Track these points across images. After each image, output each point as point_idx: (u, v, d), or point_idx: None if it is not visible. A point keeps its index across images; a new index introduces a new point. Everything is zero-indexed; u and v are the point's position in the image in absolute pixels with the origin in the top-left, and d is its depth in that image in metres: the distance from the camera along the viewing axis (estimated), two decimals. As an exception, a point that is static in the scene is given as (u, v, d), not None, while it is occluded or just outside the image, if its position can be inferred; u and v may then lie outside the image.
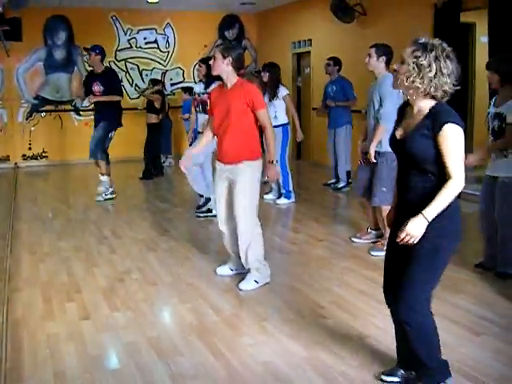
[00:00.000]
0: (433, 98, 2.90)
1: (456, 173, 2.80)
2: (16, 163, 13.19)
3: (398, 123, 3.12)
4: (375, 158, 5.85)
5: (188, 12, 13.86)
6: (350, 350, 3.86)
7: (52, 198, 9.46)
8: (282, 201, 8.57)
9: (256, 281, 5.09)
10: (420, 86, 2.86)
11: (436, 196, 2.82)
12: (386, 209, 5.92)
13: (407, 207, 3.01)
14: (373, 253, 5.98)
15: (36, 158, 13.44)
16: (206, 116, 6.59)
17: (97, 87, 8.71)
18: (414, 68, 2.86)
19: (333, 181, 9.81)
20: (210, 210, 7.58)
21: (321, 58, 11.68)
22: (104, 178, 9.07)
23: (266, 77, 8.37)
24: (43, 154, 13.49)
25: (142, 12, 13.57)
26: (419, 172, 2.93)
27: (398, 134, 3.05)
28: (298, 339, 4.04)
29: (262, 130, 5.02)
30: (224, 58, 4.88)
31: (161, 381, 3.52)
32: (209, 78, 7.16)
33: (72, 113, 13.66)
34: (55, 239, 6.78)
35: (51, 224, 7.68)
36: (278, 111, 8.36)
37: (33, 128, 13.34)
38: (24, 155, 13.34)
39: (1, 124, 13.05)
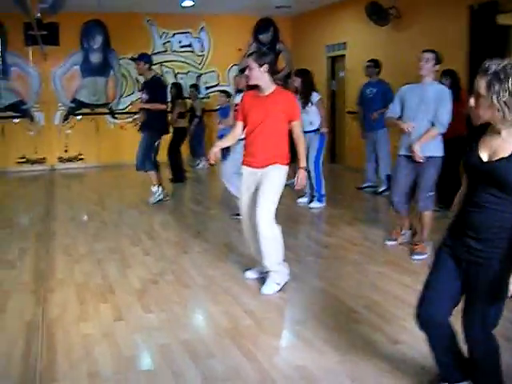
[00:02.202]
0: None
1: None
2: (52, 165, 13.39)
3: (475, 144, 2.90)
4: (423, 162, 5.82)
5: (223, 15, 13.91)
6: (382, 355, 3.83)
7: (87, 201, 9.56)
8: (315, 204, 8.54)
9: (277, 283, 5.08)
10: (508, 117, 2.66)
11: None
12: (428, 214, 5.94)
13: (473, 225, 2.85)
14: (415, 257, 5.92)
15: (72, 161, 13.62)
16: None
17: (144, 95, 8.81)
18: (499, 104, 2.63)
19: (366, 184, 9.74)
20: None
21: (355, 62, 11.65)
22: (155, 189, 8.96)
23: (297, 82, 8.36)
24: (79, 157, 13.66)
25: (176, 16, 13.66)
26: (497, 194, 2.76)
27: (484, 155, 2.82)
28: (331, 344, 4.01)
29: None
30: (260, 66, 4.89)
31: (193, 383, 3.52)
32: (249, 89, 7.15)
33: (108, 116, 13.82)
34: (90, 241, 6.84)
35: (86, 226, 7.77)
36: (312, 117, 8.38)
37: (69, 131, 13.52)
38: (60, 157, 13.53)
39: (38, 127, 13.25)
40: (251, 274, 5.42)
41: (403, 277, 5.39)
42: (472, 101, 2.75)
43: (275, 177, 4.96)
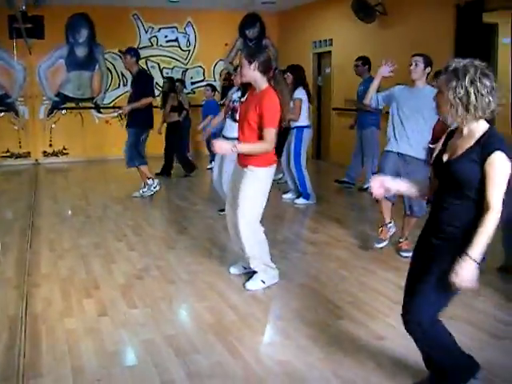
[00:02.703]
0: (484, 119, 2.83)
1: (495, 204, 2.75)
2: (37, 160, 13.32)
3: (443, 145, 3.03)
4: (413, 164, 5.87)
5: (209, 11, 13.89)
6: (366, 351, 3.85)
7: (72, 195, 9.52)
8: (301, 201, 8.55)
9: (263, 281, 5.07)
10: (465, 113, 2.77)
11: (477, 233, 2.77)
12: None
13: (436, 226, 2.99)
14: (403, 254, 5.90)
15: (56, 155, 13.55)
16: (234, 124, 6.57)
17: (132, 90, 8.81)
18: (455, 101, 2.76)
19: (344, 179, 9.75)
20: None
21: (341, 58, 11.69)
22: (150, 182, 8.98)
23: (289, 79, 8.33)
24: (64, 151, 13.60)
25: (162, 10, 13.62)
26: (458, 195, 2.86)
27: (445, 156, 2.95)
28: (315, 339, 4.03)
29: (280, 133, 4.97)
30: (250, 63, 4.78)
31: (178, 379, 3.52)
32: (245, 87, 7.09)
33: (93, 110, 13.77)
34: (75, 236, 6.82)
35: (71, 221, 7.74)
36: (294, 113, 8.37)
37: (54, 125, 13.46)
38: (45, 152, 13.46)
39: (22, 120, 13.17)
40: (235, 270, 5.42)
41: (388, 273, 5.41)
42: (436, 97, 2.89)
43: (249, 181, 4.85)
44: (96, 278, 5.34)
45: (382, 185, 3.20)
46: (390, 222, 6.25)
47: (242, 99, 6.63)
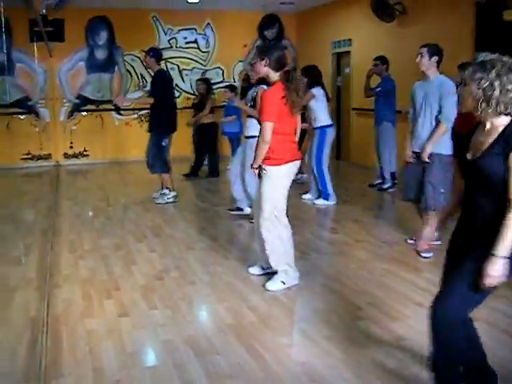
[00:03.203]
0: (506, 114, 2.78)
1: None
2: (57, 161, 13.41)
3: (466, 142, 2.97)
4: (428, 159, 5.78)
5: (228, 12, 13.90)
6: (386, 352, 3.83)
7: (92, 197, 9.57)
8: (320, 201, 8.52)
9: (283, 282, 5.05)
10: (488, 107, 2.74)
11: (501, 229, 2.71)
12: (432, 213, 5.82)
13: (471, 225, 2.92)
14: (424, 254, 5.82)
15: (77, 157, 13.63)
16: (254, 121, 6.56)
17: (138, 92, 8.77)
18: (477, 93, 2.74)
19: (378, 181, 9.70)
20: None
21: (361, 58, 11.63)
22: (167, 192, 8.81)
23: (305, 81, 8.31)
24: (84, 153, 13.67)
25: (182, 12, 13.65)
26: (488, 192, 2.81)
27: (469, 155, 2.89)
28: (335, 340, 4.01)
29: (303, 132, 5.00)
30: (262, 59, 4.87)
31: (197, 379, 3.52)
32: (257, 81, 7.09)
33: (113, 112, 13.81)
34: (95, 237, 6.85)
35: (91, 222, 7.78)
36: (317, 113, 8.39)
37: (74, 127, 13.54)
38: (65, 154, 13.54)
39: (43, 123, 13.27)
40: (254, 270, 5.42)
41: (408, 274, 5.38)
42: (461, 89, 2.83)
43: (263, 180, 4.93)
44: (116, 279, 5.36)
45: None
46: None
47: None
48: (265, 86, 5.93)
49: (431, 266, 5.56)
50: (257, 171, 4.97)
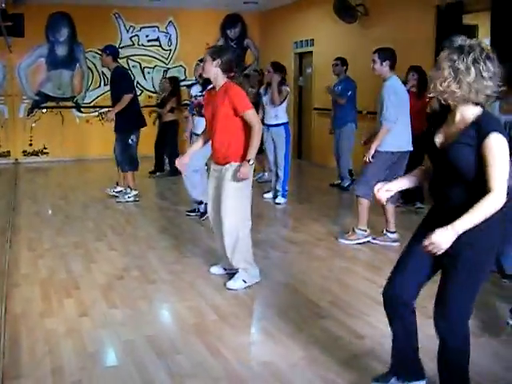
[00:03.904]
0: (476, 104, 2.73)
1: (498, 185, 2.62)
2: (16, 159, 13.22)
3: (436, 129, 2.93)
4: (372, 157, 6.02)
5: (191, 10, 13.86)
6: (347, 350, 3.86)
7: (52, 195, 9.46)
8: (280, 200, 8.57)
9: (244, 280, 5.06)
10: (457, 90, 2.68)
11: (473, 207, 2.63)
12: (365, 202, 6.17)
13: (445, 216, 2.79)
14: (340, 240, 6.39)
15: (36, 154, 13.46)
16: (203, 118, 6.63)
17: (110, 89, 8.65)
18: (449, 73, 2.67)
19: (339, 181, 9.79)
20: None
21: (323, 58, 11.71)
22: (128, 190, 8.72)
23: (270, 76, 8.47)
24: (44, 151, 13.50)
25: (144, 9, 13.58)
26: (459, 182, 2.76)
27: (438, 141, 2.87)
28: (296, 339, 4.04)
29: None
30: (213, 60, 4.91)
31: (159, 379, 3.51)
32: (204, 80, 7.13)
33: (73, 110, 13.68)
34: (54, 235, 6.78)
35: (51, 220, 7.69)
36: (279, 111, 8.49)
37: (34, 124, 13.36)
38: (25, 151, 13.36)
39: (2, 119, 13.06)
40: (216, 270, 5.42)
41: (368, 272, 5.44)
42: (431, 72, 2.82)
43: (230, 178, 4.92)
44: (76, 278, 5.31)
45: (383, 188, 3.08)
46: (395, 232, 6.29)
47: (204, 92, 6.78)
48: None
49: (390, 264, 5.62)
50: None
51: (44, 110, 13.43)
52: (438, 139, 2.88)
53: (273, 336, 4.11)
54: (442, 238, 2.63)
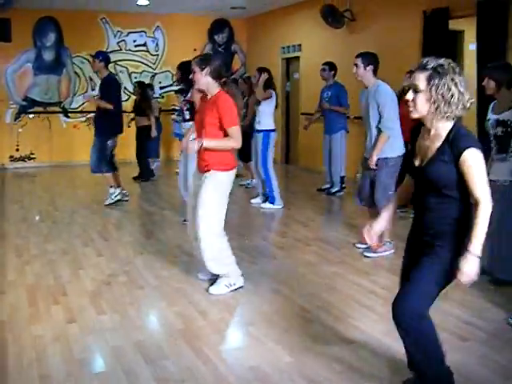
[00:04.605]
0: (451, 118, 2.88)
1: (484, 196, 2.81)
2: (3, 164, 13.15)
3: (412, 147, 3.09)
4: (376, 165, 5.92)
5: (178, 15, 13.88)
6: (335, 354, 3.86)
7: (39, 200, 9.42)
8: (267, 205, 8.57)
9: (226, 285, 5.05)
10: (447, 110, 2.82)
11: (474, 228, 2.81)
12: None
13: (425, 227, 3.04)
14: (366, 254, 6.06)
15: (23, 160, 13.40)
16: (185, 124, 6.78)
17: (87, 94, 8.71)
18: (437, 96, 2.81)
19: (327, 186, 9.80)
20: None
21: (310, 63, 11.75)
22: (112, 190, 8.77)
23: (257, 79, 8.54)
24: (31, 156, 13.45)
25: (131, 15, 13.58)
26: (438, 195, 2.93)
27: (416, 161, 3.01)
28: (284, 344, 4.04)
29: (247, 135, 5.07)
30: (202, 69, 4.87)
31: (146, 385, 3.51)
32: (182, 84, 7.15)
33: (60, 115, 13.65)
34: (42, 242, 6.74)
35: (38, 226, 7.66)
36: (261, 116, 8.49)
37: (21, 129, 13.31)
38: (11, 156, 13.30)
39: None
40: (203, 276, 5.40)
41: (356, 277, 5.45)
42: (410, 95, 2.89)
43: (210, 186, 4.87)
44: (64, 284, 5.29)
45: (370, 232, 3.26)
46: (391, 242, 6.19)
47: (187, 97, 6.84)
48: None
49: (378, 268, 5.66)
50: None
51: (31, 116, 13.38)
52: (416, 158, 3.01)
53: (260, 341, 4.11)
54: (469, 269, 2.83)
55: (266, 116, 8.50)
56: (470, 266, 2.83)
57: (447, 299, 4.76)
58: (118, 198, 8.76)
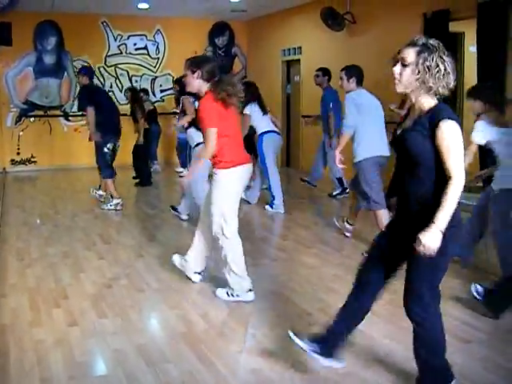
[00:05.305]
0: (436, 96, 2.94)
1: (456, 170, 2.80)
2: (4, 168, 13.15)
3: (400, 124, 3.17)
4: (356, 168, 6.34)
5: (178, 19, 13.89)
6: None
7: (40, 204, 9.42)
8: (268, 208, 8.62)
9: (232, 294, 4.98)
10: (432, 84, 2.87)
11: (442, 202, 2.80)
12: (380, 213, 6.17)
13: (405, 212, 3.11)
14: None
15: (24, 163, 13.41)
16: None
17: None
18: (424, 69, 2.86)
19: (307, 179, 9.91)
20: None
21: (310, 66, 11.73)
22: (109, 197, 8.91)
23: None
24: (32, 159, 13.45)
25: (132, 18, 13.59)
26: (417, 175, 2.95)
27: (398, 131, 3.09)
28: (285, 346, 4.02)
29: (249, 137, 5.08)
30: (193, 72, 4.82)
31: (148, 388, 3.50)
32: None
33: (61, 118, 13.65)
34: (43, 245, 6.75)
35: (39, 230, 7.65)
36: (255, 123, 8.52)
37: (21, 133, 13.31)
38: (12, 160, 13.31)
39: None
40: (198, 277, 5.39)
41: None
42: (398, 68, 2.97)
43: (215, 185, 4.89)
44: (65, 288, 5.29)
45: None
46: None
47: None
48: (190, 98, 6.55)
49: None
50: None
51: (32, 119, 13.39)
52: (399, 130, 3.09)
53: (262, 344, 4.11)
54: (431, 241, 2.79)
55: (258, 122, 8.51)
56: (431, 238, 2.80)
57: (448, 301, 4.77)
58: (113, 208, 8.77)
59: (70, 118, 13.66)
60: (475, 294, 4.57)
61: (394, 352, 3.87)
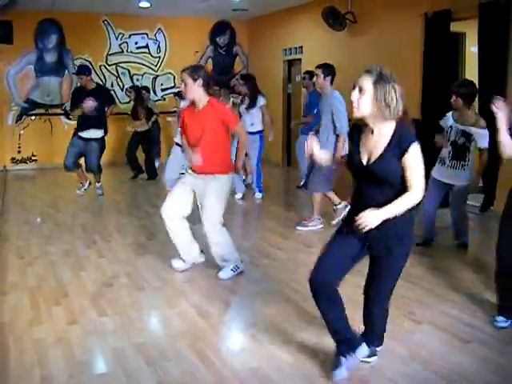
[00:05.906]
0: (392, 119, 3.17)
1: (417, 185, 3.13)
2: (5, 166, 13.14)
3: (355, 147, 3.34)
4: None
5: (180, 18, 13.87)
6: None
7: (41, 202, 9.42)
8: (258, 195, 9.30)
9: (232, 269, 5.43)
10: (387, 112, 3.09)
11: (395, 201, 3.13)
12: (318, 196, 7.19)
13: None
14: (298, 227, 7.32)
15: (25, 162, 13.40)
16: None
17: (91, 102, 8.94)
18: (380, 98, 3.08)
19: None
20: None
21: (311, 66, 11.68)
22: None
23: (243, 88, 9.22)
24: (32, 158, 13.45)
25: (133, 17, 13.57)
26: (382, 190, 3.20)
27: (364, 158, 3.25)
28: (286, 346, 4.03)
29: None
30: (194, 80, 5.02)
31: (148, 386, 3.51)
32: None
33: (62, 117, 13.63)
34: (43, 243, 6.75)
35: (39, 228, 7.66)
36: (255, 119, 9.06)
37: (22, 131, 13.31)
38: (13, 158, 13.30)
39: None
40: (181, 264, 5.69)
41: (357, 278, 5.42)
42: (356, 96, 3.15)
43: (215, 189, 5.20)
44: (65, 286, 5.29)
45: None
46: (340, 203, 7.40)
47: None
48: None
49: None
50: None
51: (32, 117, 13.38)
52: (363, 156, 3.27)
53: (262, 343, 4.11)
54: (371, 217, 3.10)
55: (259, 118, 9.11)
56: (371, 216, 3.09)
57: (448, 301, 4.78)
58: (82, 193, 9.88)
59: (71, 116, 13.62)
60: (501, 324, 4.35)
61: (396, 350, 3.86)
